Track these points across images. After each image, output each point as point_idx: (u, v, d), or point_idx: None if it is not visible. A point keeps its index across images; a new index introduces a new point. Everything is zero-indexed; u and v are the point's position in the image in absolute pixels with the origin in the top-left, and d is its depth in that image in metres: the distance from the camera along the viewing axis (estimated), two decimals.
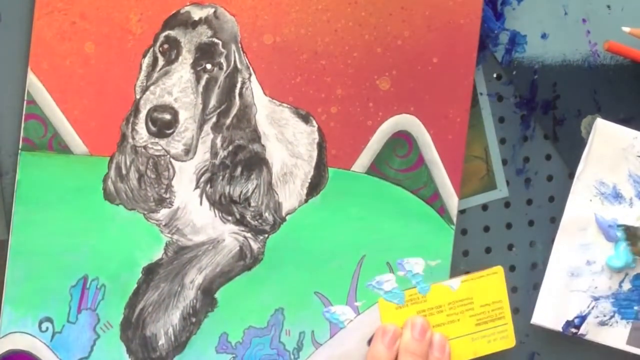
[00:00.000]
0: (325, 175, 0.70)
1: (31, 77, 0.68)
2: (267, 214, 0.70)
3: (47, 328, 0.69)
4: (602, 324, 0.72)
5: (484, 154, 0.72)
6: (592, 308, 0.72)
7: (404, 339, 0.69)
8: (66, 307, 0.69)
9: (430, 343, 0.69)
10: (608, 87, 0.72)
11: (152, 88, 0.68)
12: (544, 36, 0.72)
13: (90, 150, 0.68)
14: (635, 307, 0.72)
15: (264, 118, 0.69)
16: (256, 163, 0.70)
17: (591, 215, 0.72)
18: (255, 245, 0.70)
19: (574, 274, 0.72)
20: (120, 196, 0.69)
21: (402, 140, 0.70)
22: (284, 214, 0.70)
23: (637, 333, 0.72)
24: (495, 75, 0.72)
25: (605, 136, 0.71)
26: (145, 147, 0.68)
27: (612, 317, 0.72)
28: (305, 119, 0.70)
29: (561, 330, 0.72)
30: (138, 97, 0.68)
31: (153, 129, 0.68)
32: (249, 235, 0.70)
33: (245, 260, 0.70)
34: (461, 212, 0.71)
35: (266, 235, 0.70)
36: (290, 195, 0.70)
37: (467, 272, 0.71)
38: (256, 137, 0.70)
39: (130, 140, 0.68)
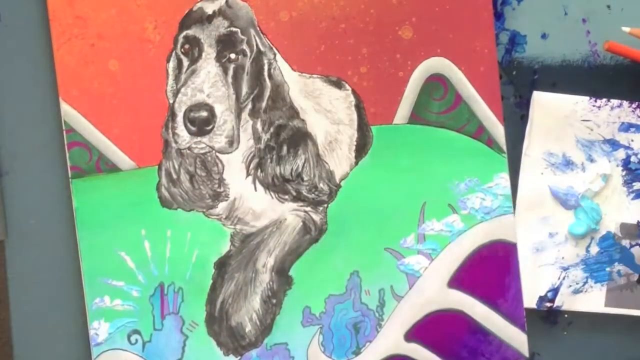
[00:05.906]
0: (369, 134, 0.70)
1: (64, 107, 0.68)
2: (321, 185, 0.70)
3: (137, 340, 0.71)
4: (577, 292, 0.72)
5: None
6: (563, 279, 0.72)
7: None
8: (150, 317, 0.70)
9: None
10: (608, 87, 0.71)
11: (183, 90, 0.68)
12: (544, 36, 0.71)
13: (137, 163, 0.69)
14: (607, 269, 0.72)
15: (297, 93, 0.70)
16: (300, 138, 0.70)
17: (545, 187, 0.71)
18: (317, 217, 0.71)
19: (539, 249, 0.72)
20: (176, 200, 0.70)
21: (436, 83, 0.70)
22: (338, 181, 0.71)
23: (613, 293, 0.72)
24: None
25: (545, 107, 0.70)
26: (189, 148, 0.69)
27: (585, 283, 0.72)
28: (338, 84, 0.70)
29: (536, 307, 0.72)
30: (171, 101, 0.69)
31: (193, 128, 0.68)
32: (308, 209, 0.71)
33: (311, 234, 0.71)
34: None
35: (325, 205, 0.71)
36: (340, 161, 0.71)
37: None
38: (294, 113, 0.70)
39: (173, 144, 0.69)
